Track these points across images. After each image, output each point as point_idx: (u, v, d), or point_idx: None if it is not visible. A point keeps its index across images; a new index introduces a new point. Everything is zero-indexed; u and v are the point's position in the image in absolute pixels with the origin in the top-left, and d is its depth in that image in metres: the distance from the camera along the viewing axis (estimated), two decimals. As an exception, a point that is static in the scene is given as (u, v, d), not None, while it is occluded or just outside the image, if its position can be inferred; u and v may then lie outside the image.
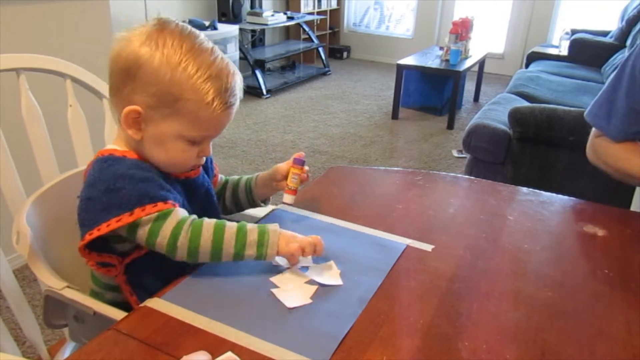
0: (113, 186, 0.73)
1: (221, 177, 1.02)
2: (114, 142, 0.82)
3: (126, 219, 0.72)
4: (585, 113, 1.21)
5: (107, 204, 0.73)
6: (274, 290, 0.74)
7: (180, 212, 0.75)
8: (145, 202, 0.73)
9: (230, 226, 0.75)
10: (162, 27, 0.74)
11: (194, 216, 0.75)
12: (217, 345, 0.63)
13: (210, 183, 0.94)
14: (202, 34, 0.78)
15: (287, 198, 0.94)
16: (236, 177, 1.03)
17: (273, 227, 0.76)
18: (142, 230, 0.73)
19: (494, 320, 0.70)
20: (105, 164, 0.77)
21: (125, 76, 0.74)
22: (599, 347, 0.66)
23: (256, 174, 1.01)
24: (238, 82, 0.78)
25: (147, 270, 0.81)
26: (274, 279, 0.76)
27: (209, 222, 0.74)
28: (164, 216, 0.73)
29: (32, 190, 0.95)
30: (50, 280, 0.82)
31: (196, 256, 0.73)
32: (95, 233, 0.72)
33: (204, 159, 0.85)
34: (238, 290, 0.73)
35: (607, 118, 1.13)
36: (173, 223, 0.73)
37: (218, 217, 0.91)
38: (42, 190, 0.95)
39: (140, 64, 0.72)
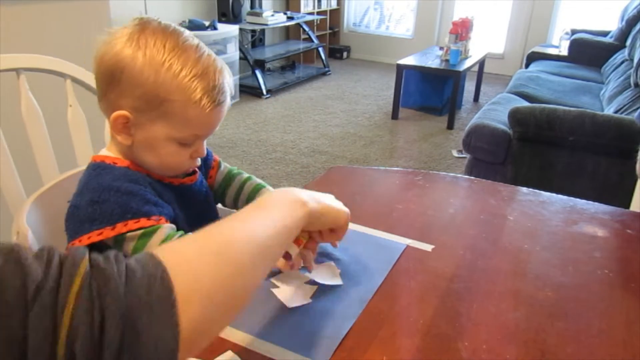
0: (97, 198, 0.71)
1: (225, 166, 0.97)
2: (108, 147, 0.80)
3: (108, 232, 0.70)
4: (636, 116, 1.16)
5: (91, 215, 0.71)
6: (274, 290, 0.74)
7: (166, 230, 0.72)
8: (127, 217, 0.71)
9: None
10: (143, 26, 0.71)
11: (180, 233, 0.73)
12: (217, 345, 0.63)
13: (209, 189, 0.91)
14: (186, 31, 0.75)
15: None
16: (243, 176, 0.96)
17: None
18: (127, 246, 0.71)
19: (494, 320, 0.70)
20: (94, 172, 0.76)
21: (110, 80, 0.72)
22: (599, 347, 0.66)
23: (258, 182, 0.95)
24: (227, 79, 0.75)
25: None
26: (274, 279, 0.76)
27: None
28: (149, 234, 0.71)
29: (32, 190, 0.95)
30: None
31: None
32: (77, 244, 0.71)
33: (199, 160, 0.82)
34: (238, 290, 0.73)
35: None
36: (157, 242, 0.71)
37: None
38: (42, 190, 0.95)
39: (122, 66, 0.70)
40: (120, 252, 0.72)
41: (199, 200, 0.87)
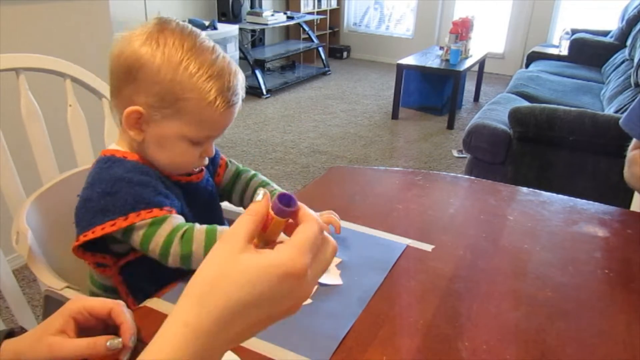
0: (110, 189, 0.73)
1: (232, 164, 0.97)
2: (117, 142, 0.81)
3: (120, 223, 0.72)
4: (620, 121, 1.16)
5: (103, 206, 0.72)
6: (273, 290, 0.73)
7: (176, 219, 0.74)
8: (140, 207, 0.72)
9: (222, 230, 0.74)
10: (162, 26, 0.73)
11: (189, 224, 0.75)
12: (216, 345, 0.63)
13: (215, 186, 0.92)
14: (202, 33, 0.77)
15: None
16: (249, 174, 0.97)
17: None
18: (136, 234, 0.73)
19: (494, 320, 0.70)
20: (105, 165, 0.77)
21: (126, 76, 0.73)
22: (599, 347, 0.66)
23: (262, 179, 0.96)
24: (240, 81, 0.77)
25: (142, 273, 0.80)
26: (274, 279, 0.76)
27: (200, 229, 0.73)
28: (159, 222, 0.72)
29: (32, 190, 0.95)
30: (50, 281, 0.82)
31: (189, 263, 0.73)
32: (90, 235, 0.72)
33: (207, 159, 0.84)
34: (238, 290, 0.73)
35: None
36: (167, 230, 0.72)
37: (221, 222, 0.90)
38: (42, 190, 0.95)
39: (141, 64, 0.72)
40: (128, 241, 0.72)
41: (204, 198, 0.88)
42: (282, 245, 0.41)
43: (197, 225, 0.74)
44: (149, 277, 0.79)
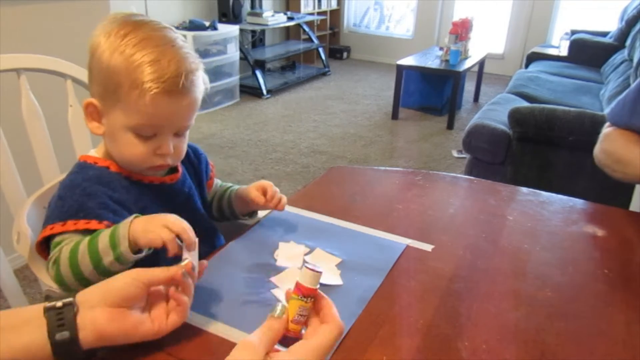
0: (63, 195, 0.74)
1: (217, 182, 0.98)
2: (97, 148, 0.81)
3: (58, 227, 0.71)
4: (607, 112, 1.18)
5: (54, 210, 0.73)
6: (273, 291, 0.74)
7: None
8: (79, 216, 0.71)
9: (84, 242, 0.68)
10: (122, 19, 0.73)
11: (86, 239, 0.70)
12: (217, 345, 0.63)
13: (194, 188, 0.89)
14: (165, 26, 0.75)
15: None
16: (227, 184, 0.99)
17: (126, 220, 0.67)
18: (66, 244, 0.70)
19: (494, 320, 0.70)
20: (74, 169, 0.78)
21: (88, 68, 0.75)
22: (599, 347, 0.66)
23: (236, 187, 0.96)
24: (191, 71, 0.72)
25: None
26: (274, 279, 0.76)
27: (84, 242, 0.68)
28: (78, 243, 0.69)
29: (32, 190, 0.95)
30: (50, 281, 0.82)
31: (84, 278, 0.68)
32: (41, 235, 0.73)
33: (168, 159, 0.78)
34: (238, 291, 0.74)
35: (630, 115, 1.10)
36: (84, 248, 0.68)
37: (204, 224, 0.89)
38: (43, 190, 0.95)
39: (92, 53, 0.73)
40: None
41: (180, 200, 0.85)
42: (302, 347, 0.50)
43: (84, 241, 0.69)
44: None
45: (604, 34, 4.47)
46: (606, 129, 1.16)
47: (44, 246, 0.75)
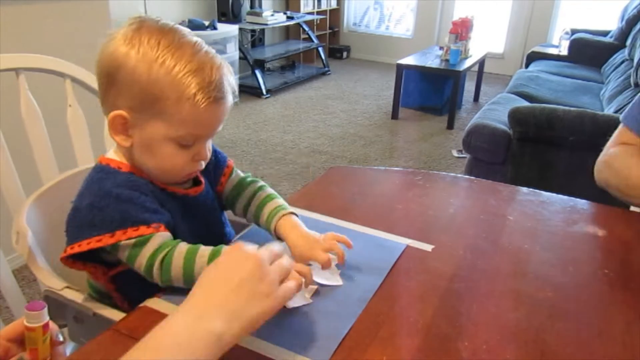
0: (97, 203, 0.71)
1: (237, 174, 0.91)
2: (115, 149, 0.79)
3: (107, 240, 0.70)
4: (621, 116, 1.16)
5: (91, 220, 0.71)
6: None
7: (160, 238, 0.71)
8: (127, 225, 0.70)
9: (201, 254, 0.70)
10: (139, 25, 0.71)
11: (173, 243, 0.71)
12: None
13: (215, 199, 0.87)
14: (186, 30, 0.74)
15: None
16: (256, 185, 0.90)
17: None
18: (121, 254, 0.71)
19: (494, 320, 0.70)
20: (97, 175, 0.75)
21: (107, 81, 0.72)
22: (599, 347, 0.66)
23: (270, 199, 0.87)
24: (227, 76, 0.73)
25: (134, 282, 0.76)
26: (274, 279, 0.76)
27: (180, 252, 0.70)
28: (141, 243, 0.70)
29: (32, 190, 0.95)
30: (49, 281, 0.82)
31: (171, 284, 0.71)
32: (76, 248, 0.71)
33: (203, 164, 0.79)
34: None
35: None
36: (150, 250, 0.70)
37: (222, 235, 0.88)
38: (42, 190, 0.95)
39: (118, 65, 0.70)
40: (116, 255, 0.71)
41: (204, 212, 0.84)
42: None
43: (180, 245, 0.71)
44: (141, 286, 0.75)
45: (605, 34, 4.47)
46: (612, 148, 1.13)
47: (69, 258, 0.73)
